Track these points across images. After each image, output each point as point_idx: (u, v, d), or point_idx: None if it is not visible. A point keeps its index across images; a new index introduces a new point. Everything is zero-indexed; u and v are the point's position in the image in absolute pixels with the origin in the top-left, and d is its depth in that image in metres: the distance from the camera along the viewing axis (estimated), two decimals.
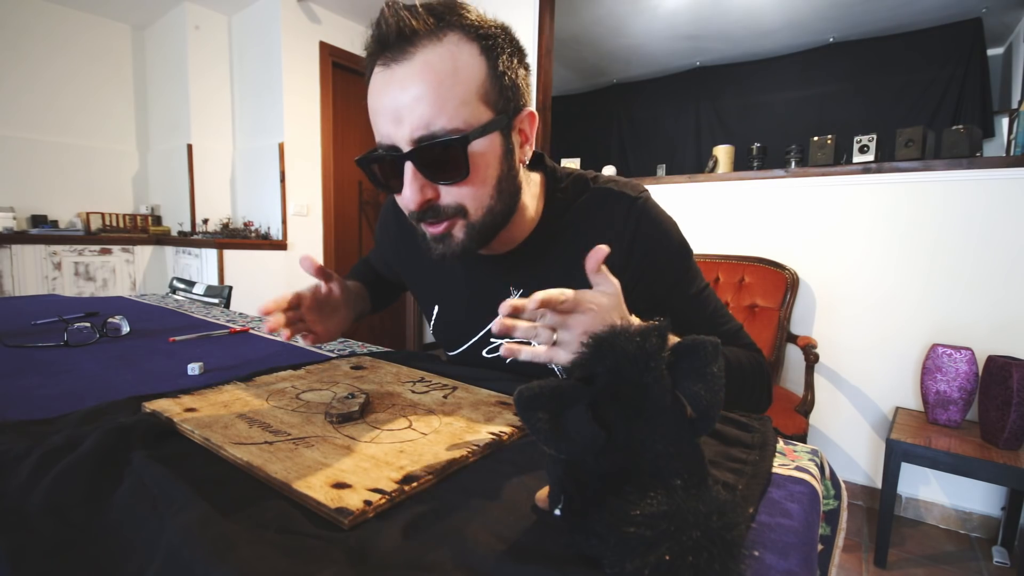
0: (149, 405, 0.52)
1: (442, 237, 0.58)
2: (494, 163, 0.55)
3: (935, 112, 3.17)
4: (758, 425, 0.53)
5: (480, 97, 0.52)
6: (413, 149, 0.51)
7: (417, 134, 0.51)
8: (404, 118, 0.51)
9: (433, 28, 0.51)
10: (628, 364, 0.30)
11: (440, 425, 0.50)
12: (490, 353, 0.74)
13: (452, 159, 0.52)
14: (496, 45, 0.53)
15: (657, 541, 0.25)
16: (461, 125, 0.51)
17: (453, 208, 0.56)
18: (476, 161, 0.53)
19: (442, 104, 0.50)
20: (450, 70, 0.50)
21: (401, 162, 0.53)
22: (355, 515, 0.34)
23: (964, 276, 1.72)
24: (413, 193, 0.53)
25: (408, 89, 0.50)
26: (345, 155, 3.51)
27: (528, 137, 0.60)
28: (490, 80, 0.53)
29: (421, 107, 0.50)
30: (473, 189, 0.55)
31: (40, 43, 3.06)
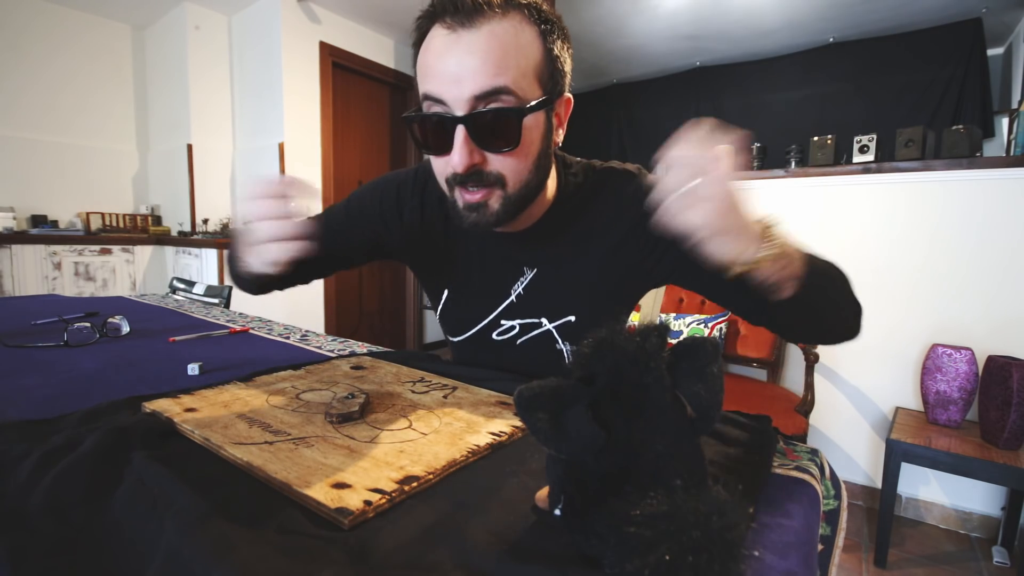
0: (149, 405, 0.52)
1: (477, 206, 0.58)
2: (538, 139, 0.58)
3: (935, 112, 3.17)
4: (758, 425, 0.53)
5: (535, 74, 0.55)
6: (469, 114, 0.52)
7: (476, 92, 0.52)
8: (464, 80, 0.51)
9: (503, 5, 0.53)
10: (628, 364, 0.30)
11: (440, 425, 0.50)
12: (500, 335, 0.73)
13: (505, 128, 0.54)
14: (552, 31, 0.56)
15: (657, 541, 0.25)
16: (519, 92, 0.53)
17: (495, 176, 0.57)
18: (525, 134, 0.55)
19: (504, 70, 0.52)
20: (514, 43, 0.52)
21: (452, 125, 0.53)
22: (355, 515, 0.34)
23: (964, 276, 1.72)
24: (463, 156, 0.54)
25: (474, 53, 0.51)
26: (345, 155, 3.51)
27: (562, 121, 0.63)
28: (545, 61, 0.55)
29: (484, 70, 0.51)
30: (517, 161, 0.57)
31: (40, 43, 3.05)
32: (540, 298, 0.70)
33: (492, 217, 0.59)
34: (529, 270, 0.70)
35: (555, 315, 0.70)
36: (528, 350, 0.72)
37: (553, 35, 0.56)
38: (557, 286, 0.69)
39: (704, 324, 1.96)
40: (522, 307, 0.71)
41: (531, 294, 0.70)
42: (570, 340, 0.70)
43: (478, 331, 0.75)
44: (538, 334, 0.71)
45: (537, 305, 0.70)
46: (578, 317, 0.69)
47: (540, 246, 0.69)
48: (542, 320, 0.70)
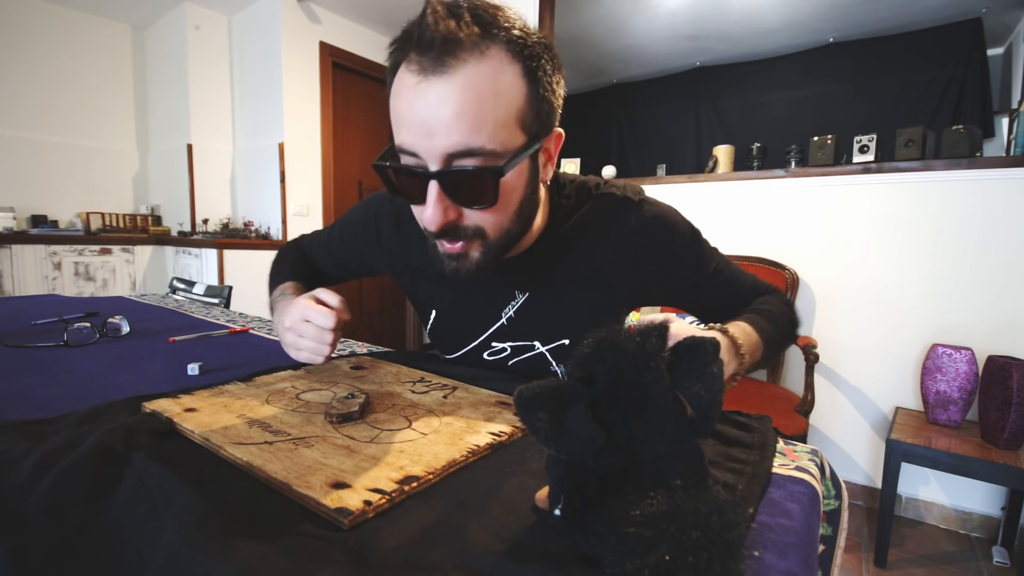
0: (149, 405, 0.51)
1: (457, 256, 0.56)
2: (519, 188, 0.54)
3: (935, 112, 3.17)
4: (758, 425, 0.53)
5: (517, 121, 0.50)
6: (442, 170, 0.49)
7: (450, 151, 0.48)
8: (436, 134, 0.47)
9: (477, 41, 0.46)
10: (628, 364, 0.30)
11: (440, 425, 0.50)
12: (492, 356, 0.73)
13: (481, 187, 0.50)
14: (538, 67, 0.50)
15: (657, 541, 0.25)
16: (497, 148, 0.49)
17: (473, 230, 0.54)
18: (504, 190, 0.52)
19: (480, 125, 0.47)
20: (491, 91, 0.47)
21: (425, 180, 0.50)
22: (355, 515, 0.34)
23: (964, 276, 1.72)
24: (436, 214, 0.51)
25: (445, 106, 0.46)
26: (345, 155, 3.51)
27: (552, 157, 0.59)
28: (528, 104, 0.50)
29: (457, 126, 0.47)
30: (496, 215, 0.54)
31: (40, 43, 3.06)
32: (532, 321, 0.68)
33: (472, 266, 0.57)
34: (520, 294, 0.68)
35: (548, 339, 0.69)
36: (520, 369, 0.71)
37: (539, 71, 0.50)
38: (550, 310, 0.67)
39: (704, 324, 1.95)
40: (513, 330, 0.69)
41: (523, 317, 0.68)
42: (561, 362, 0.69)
43: (469, 351, 0.74)
44: (531, 356, 0.70)
45: (529, 328, 0.69)
46: (572, 340, 0.68)
47: (532, 271, 0.66)
48: (535, 343, 0.69)
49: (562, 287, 0.67)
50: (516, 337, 0.70)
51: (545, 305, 0.67)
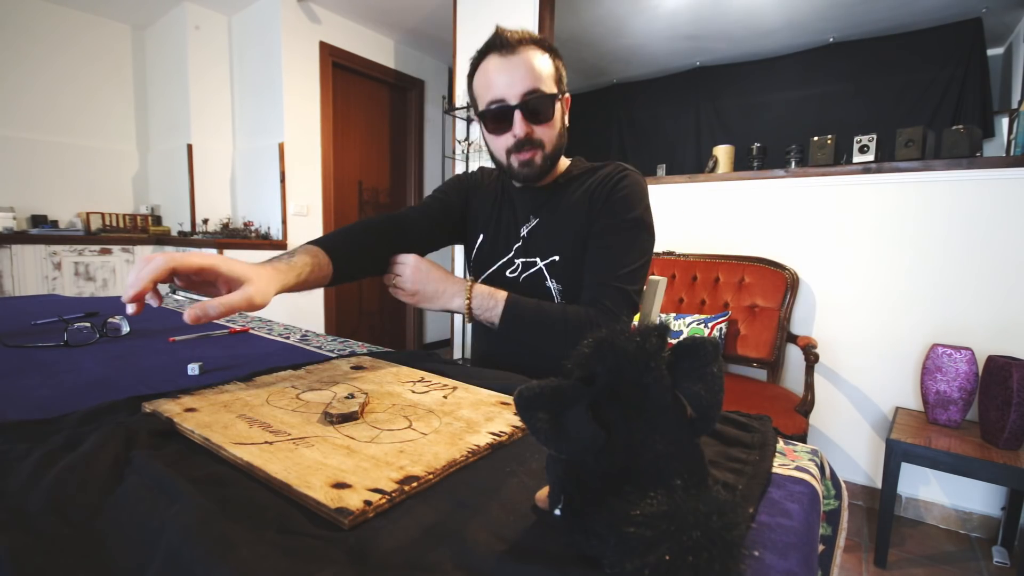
0: (149, 405, 0.52)
1: (528, 161, 0.85)
2: (560, 117, 0.88)
3: (935, 112, 3.16)
4: (758, 425, 0.53)
5: (553, 80, 0.85)
6: (522, 102, 0.81)
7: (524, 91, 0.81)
8: (516, 83, 0.81)
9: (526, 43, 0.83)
10: (628, 364, 0.30)
11: (440, 425, 0.50)
12: (512, 274, 0.94)
13: (544, 109, 0.83)
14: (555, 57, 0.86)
15: (657, 541, 0.25)
16: (546, 90, 0.83)
17: (538, 140, 0.85)
18: (555, 113, 0.85)
19: (536, 78, 0.82)
20: (538, 62, 0.83)
21: (511, 111, 0.82)
22: (355, 515, 0.34)
23: (964, 276, 1.72)
24: (522, 127, 0.83)
25: (518, 67, 0.81)
26: (345, 155, 3.51)
27: (566, 110, 0.90)
28: (555, 73, 0.85)
29: (527, 77, 0.81)
30: (550, 130, 0.86)
31: (40, 43, 3.06)
32: (537, 241, 0.92)
33: (537, 169, 0.86)
34: (534, 218, 0.93)
35: (545, 255, 0.91)
36: (527, 287, 0.91)
37: (556, 58, 0.86)
38: (548, 232, 0.91)
39: (704, 324, 1.96)
40: (525, 248, 0.93)
41: (532, 237, 0.93)
42: (556, 278, 0.90)
43: (497, 268, 0.95)
44: (533, 272, 0.92)
45: (535, 246, 0.92)
46: (561, 258, 0.89)
47: (544, 202, 0.93)
48: (536, 259, 0.92)
49: (559, 216, 0.91)
50: (526, 254, 0.93)
51: (546, 228, 0.92)
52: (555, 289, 0.90)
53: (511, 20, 2.57)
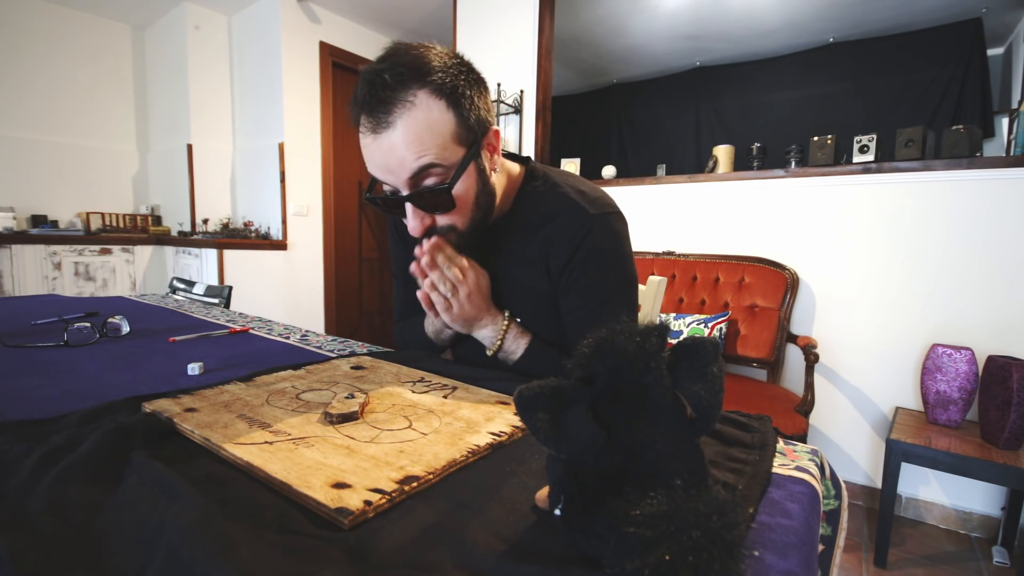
0: (149, 405, 0.51)
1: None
2: (472, 188, 0.67)
3: (935, 112, 3.17)
4: (758, 425, 0.53)
5: (454, 139, 0.63)
6: (411, 193, 0.64)
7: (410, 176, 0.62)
8: (395, 170, 0.62)
9: (403, 95, 0.59)
10: (628, 364, 0.30)
11: (440, 425, 0.50)
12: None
13: (440, 201, 0.65)
14: (460, 94, 0.62)
15: (657, 541, 0.25)
16: (444, 163, 0.63)
17: (446, 227, 0.69)
18: (458, 196, 0.65)
19: (424, 151, 0.61)
20: (425, 128, 0.60)
21: (400, 200, 0.65)
22: (355, 515, 0.34)
23: (964, 276, 1.72)
24: (416, 224, 0.67)
25: (395, 150, 0.61)
26: (345, 155, 3.51)
27: (495, 147, 0.70)
28: (459, 125, 0.63)
29: (408, 162, 0.61)
30: (459, 213, 0.68)
31: (40, 43, 3.06)
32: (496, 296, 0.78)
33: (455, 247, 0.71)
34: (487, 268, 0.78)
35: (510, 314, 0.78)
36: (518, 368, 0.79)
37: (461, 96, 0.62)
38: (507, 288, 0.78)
39: (704, 324, 1.96)
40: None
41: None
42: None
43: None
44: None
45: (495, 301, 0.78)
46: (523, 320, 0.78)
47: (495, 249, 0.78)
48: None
49: (516, 270, 0.77)
50: None
51: (504, 283, 0.78)
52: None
53: (511, 20, 2.57)
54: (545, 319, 0.77)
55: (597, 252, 0.73)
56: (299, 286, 3.23)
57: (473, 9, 2.71)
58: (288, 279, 3.16)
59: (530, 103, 2.56)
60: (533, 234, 0.75)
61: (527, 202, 0.77)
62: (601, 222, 0.73)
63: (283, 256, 3.11)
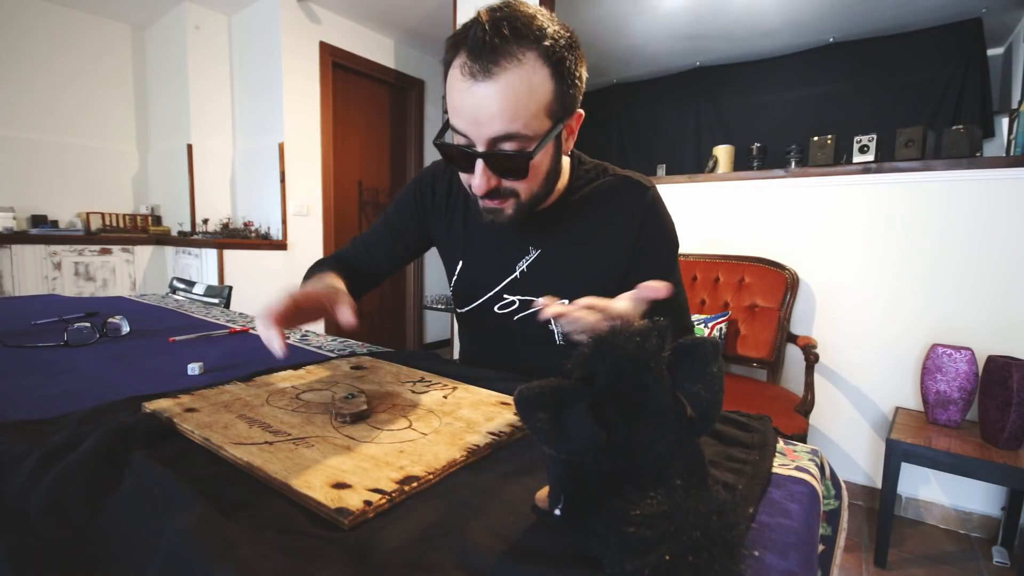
0: (149, 406, 0.51)
1: (495, 210, 0.68)
2: (547, 162, 0.66)
3: (935, 112, 3.16)
4: (758, 425, 0.53)
5: (546, 112, 0.60)
6: (487, 152, 0.60)
7: (493, 136, 0.59)
8: (483, 124, 0.59)
9: (515, 51, 0.57)
10: (628, 364, 0.30)
11: (440, 425, 0.50)
12: (502, 309, 0.80)
13: (516, 166, 0.62)
14: (565, 66, 0.60)
15: (657, 541, 0.25)
16: (529, 133, 0.60)
17: (510, 191, 0.66)
18: (534, 166, 0.63)
19: (516, 118, 0.58)
20: (525, 91, 0.58)
21: (474, 157, 0.62)
22: (355, 515, 0.34)
23: (964, 276, 1.72)
24: (482, 183, 0.63)
25: (489, 104, 0.57)
26: (345, 155, 3.51)
27: (574, 131, 0.69)
28: (556, 97, 0.61)
29: (499, 119, 0.58)
30: (528, 183, 0.66)
31: (40, 43, 3.06)
32: (540, 277, 0.77)
33: (506, 219, 0.68)
34: (534, 250, 0.77)
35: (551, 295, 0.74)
36: (524, 326, 0.79)
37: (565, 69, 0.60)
38: (556, 268, 0.76)
39: (704, 324, 1.96)
40: (524, 284, 0.78)
41: (533, 272, 0.77)
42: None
43: (483, 302, 0.82)
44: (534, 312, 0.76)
45: (537, 283, 0.77)
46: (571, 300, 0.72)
47: (547, 229, 0.76)
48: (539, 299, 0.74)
49: (570, 249, 0.76)
50: (525, 291, 0.78)
51: (552, 264, 0.76)
52: (559, 332, 0.77)
53: None
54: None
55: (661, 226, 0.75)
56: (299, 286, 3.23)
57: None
58: (288, 279, 3.15)
59: None
60: (593, 213, 0.75)
61: (581, 184, 0.77)
62: (657, 197, 0.76)
63: (283, 256, 3.11)
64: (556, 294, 0.72)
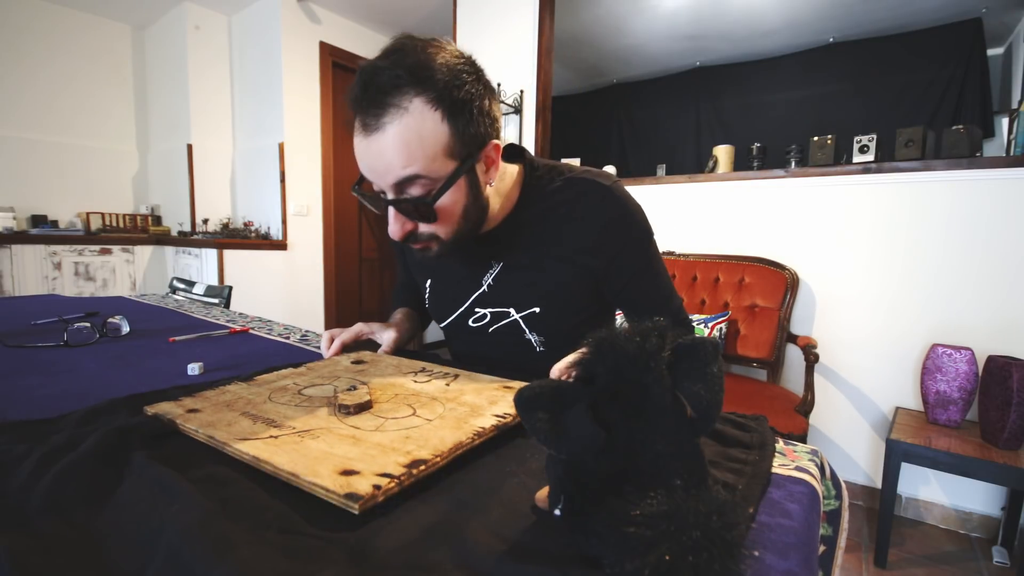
0: (151, 409, 0.51)
1: (422, 250, 0.69)
2: (460, 201, 0.64)
3: (935, 112, 3.16)
4: (755, 425, 0.53)
5: (444, 153, 0.60)
6: (394, 199, 0.62)
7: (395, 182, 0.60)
8: (381, 175, 0.60)
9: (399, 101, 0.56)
10: (628, 364, 0.30)
11: (444, 411, 0.50)
12: (475, 322, 0.81)
13: (422, 211, 0.62)
14: (460, 106, 0.59)
15: (657, 541, 0.25)
16: (431, 175, 0.60)
17: (428, 235, 0.67)
18: (443, 209, 0.63)
19: (409, 162, 0.58)
20: (416, 137, 0.57)
21: (385, 203, 0.63)
22: (365, 499, 0.34)
23: (964, 276, 1.72)
24: (396, 228, 0.65)
25: (383, 156, 0.58)
26: (345, 155, 3.51)
27: (494, 161, 0.67)
28: (453, 138, 0.59)
29: (395, 169, 0.59)
30: (443, 225, 0.65)
31: (40, 43, 3.06)
32: (507, 289, 0.77)
33: (436, 257, 0.69)
34: (496, 263, 0.77)
35: (521, 306, 0.76)
36: (500, 337, 0.79)
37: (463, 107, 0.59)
38: (522, 279, 0.76)
39: (704, 324, 1.96)
40: (492, 297, 0.78)
41: (499, 285, 0.77)
42: (537, 331, 0.76)
43: (457, 317, 0.82)
44: (508, 323, 0.78)
45: (505, 295, 0.77)
46: (543, 309, 0.75)
47: (506, 242, 0.76)
48: (510, 310, 0.77)
49: (532, 259, 0.75)
50: (494, 304, 0.78)
51: (518, 274, 0.76)
52: (536, 340, 0.77)
53: (511, 20, 2.57)
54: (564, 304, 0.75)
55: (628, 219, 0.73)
56: (299, 286, 3.23)
57: (473, 9, 2.71)
58: (288, 279, 3.16)
59: (530, 103, 2.56)
60: (550, 219, 0.73)
61: (534, 193, 0.75)
62: (618, 190, 0.73)
63: (283, 256, 3.11)
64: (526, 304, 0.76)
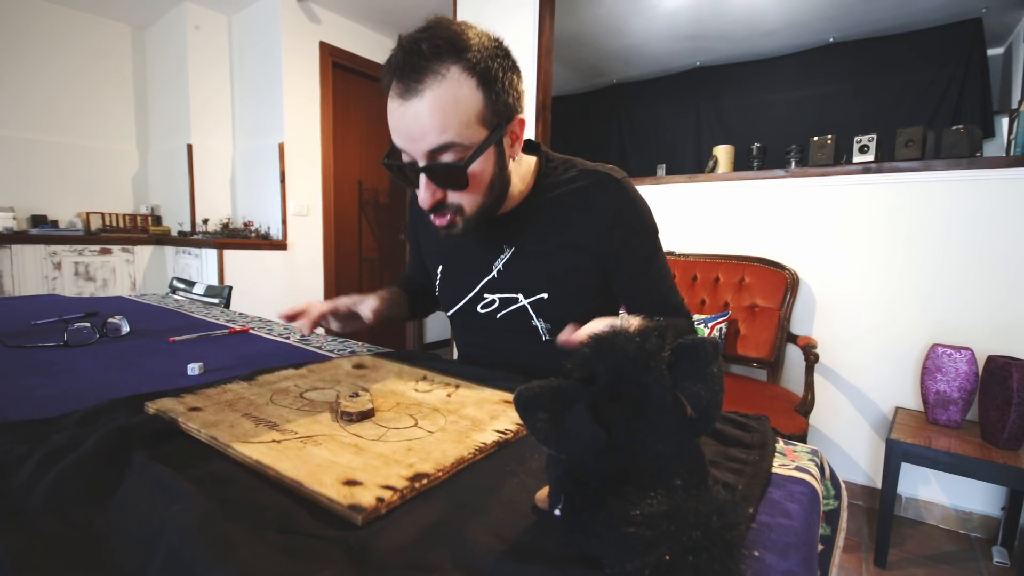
0: (152, 405, 0.51)
1: (448, 225, 0.70)
2: (488, 170, 0.67)
3: (935, 112, 3.16)
4: (756, 425, 0.53)
5: (478, 120, 0.63)
6: (426, 165, 0.64)
7: (429, 149, 0.62)
8: (417, 140, 0.62)
9: (436, 67, 0.60)
10: (628, 364, 0.30)
11: (446, 423, 0.50)
12: (484, 308, 0.82)
13: (455, 177, 0.64)
14: (492, 76, 0.63)
15: (657, 541, 0.25)
16: (464, 142, 0.62)
17: (455, 206, 0.68)
18: (473, 176, 0.65)
19: (447, 128, 0.61)
20: (452, 102, 0.61)
21: (417, 172, 0.65)
22: (368, 511, 0.34)
23: (964, 276, 1.72)
24: (427, 196, 0.66)
25: (420, 119, 0.61)
26: (345, 155, 3.51)
27: (519, 137, 0.71)
28: (486, 106, 0.63)
29: (431, 133, 0.61)
30: (471, 194, 0.68)
31: (40, 43, 3.05)
32: (517, 275, 0.79)
33: (459, 233, 0.71)
34: (508, 248, 0.79)
35: (529, 292, 0.78)
36: (507, 323, 0.80)
37: (492, 79, 0.63)
38: (532, 265, 0.78)
39: (704, 324, 1.95)
40: (502, 282, 0.80)
41: (509, 270, 0.79)
42: (544, 317, 0.78)
43: (466, 303, 0.84)
44: (515, 309, 0.79)
45: (514, 281, 0.79)
46: (550, 296, 0.77)
47: (518, 227, 0.78)
48: (518, 296, 0.79)
49: (543, 245, 0.77)
50: (503, 289, 0.80)
51: (528, 260, 0.78)
52: (543, 328, 0.78)
53: (511, 20, 2.57)
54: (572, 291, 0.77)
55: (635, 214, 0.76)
56: (299, 286, 3.23)
57: (473, 9, 2.70)
58: (288, 279, 3.15)
59: (530, 103, 2.56)
60: (563, 207, 0.76)
61: (549, 181, 0.78)
62: (628, 185, 0.77)
63: (283, 256, 3.11)
64: (535, 290, 0.78)
